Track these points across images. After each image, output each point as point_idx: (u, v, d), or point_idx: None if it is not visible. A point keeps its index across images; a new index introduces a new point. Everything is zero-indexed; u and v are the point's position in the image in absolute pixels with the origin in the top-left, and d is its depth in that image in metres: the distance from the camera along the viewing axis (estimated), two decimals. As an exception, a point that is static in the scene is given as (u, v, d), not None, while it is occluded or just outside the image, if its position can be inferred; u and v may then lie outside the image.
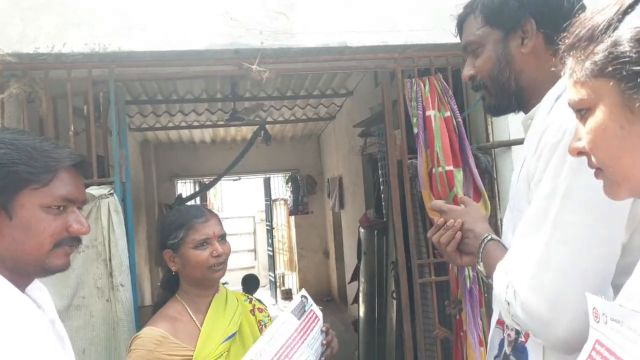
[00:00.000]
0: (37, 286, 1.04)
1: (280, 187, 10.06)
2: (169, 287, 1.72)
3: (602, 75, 0.66)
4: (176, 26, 2.20)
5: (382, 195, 4.05)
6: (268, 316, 1.82)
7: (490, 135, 2.50)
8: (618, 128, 0.66)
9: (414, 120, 2.36)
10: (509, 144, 2.37)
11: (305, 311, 1.51)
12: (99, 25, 2.13)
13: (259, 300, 1.87)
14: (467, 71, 1.20)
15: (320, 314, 1.57)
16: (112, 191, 2.18)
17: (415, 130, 2.36)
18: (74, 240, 1.01)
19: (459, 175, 2.27)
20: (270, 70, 2.29)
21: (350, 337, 5.71)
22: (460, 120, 2.36)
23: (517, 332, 1.05)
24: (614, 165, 0.69)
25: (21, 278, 0.96)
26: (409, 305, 2.49)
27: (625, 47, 0.63)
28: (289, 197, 9.20)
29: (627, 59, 0.63)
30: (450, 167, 2.26)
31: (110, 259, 2.17)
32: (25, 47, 2.05)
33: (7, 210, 0.92)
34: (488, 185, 2.39)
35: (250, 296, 1.88)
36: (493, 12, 1.12)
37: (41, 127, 2.31)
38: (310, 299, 1.57)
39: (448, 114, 2.35)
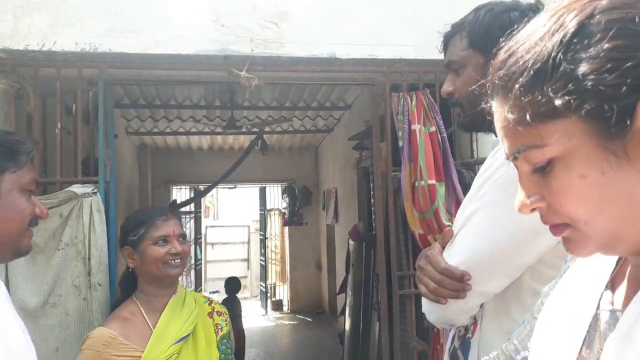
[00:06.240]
0: None
1: (276, 197, 10.06)
2: (126, 287, 1.76)
3: (564, 117, 0.55)
4: (167, 30, 2.22)
5: (373, 208, 4.06)
6: (226, 320, 1.81)
7: (475, 152, 2.51)
8: (599, 176, 0.55)
9: (400, 133, 2.38)
10: (493, 161, 2.37)
11: None
12: (90, 25, 2.15)
13: (220, 304, 1.87)
14: (447, 87, 1.25)
15: None
16: (95, 190, 2.19)
17: (401, 143, 2.38)
18: (35, 224, 1.08)
19: (441, 190, 2.28)
20: (259, 78, 2.31)
21: (337, 350, 5.68)
22: (445, 135, 2.38)
23: (467, 329, 1.09)
24: (594, 220, 0.57)
25: None
26: (388, 317, 2.49)
27: (597, 79, 0.52)
28: (286, 207, 9.20)
29: (601, 94, 0.52)
30: (433, 181, 2.27)
31: (89, 258, 2.17)
32: (15, 43, 2.08)
33: None
34: (471, 200, 2.40)
35: (211, 298, 1.88)
36: (478, 37, 1.16)
37: (29, 124, 2.33)
38: None
39: (433, 129, 2.36)
